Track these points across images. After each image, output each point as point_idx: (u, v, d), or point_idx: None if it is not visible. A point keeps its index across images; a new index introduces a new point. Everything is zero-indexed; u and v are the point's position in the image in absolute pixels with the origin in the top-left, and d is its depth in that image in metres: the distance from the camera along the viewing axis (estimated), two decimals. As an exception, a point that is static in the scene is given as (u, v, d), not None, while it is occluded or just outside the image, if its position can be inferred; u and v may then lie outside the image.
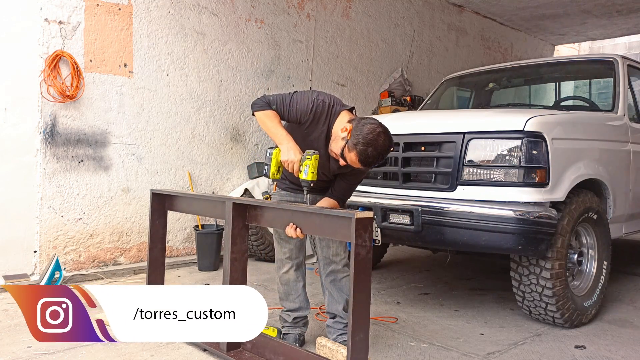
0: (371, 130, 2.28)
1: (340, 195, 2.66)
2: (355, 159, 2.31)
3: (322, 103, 2.47)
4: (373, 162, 2.33)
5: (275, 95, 2.52)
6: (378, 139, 2.28)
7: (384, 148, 2.30)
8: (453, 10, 8.10)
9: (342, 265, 2.73)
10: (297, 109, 2.46)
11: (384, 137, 2.30)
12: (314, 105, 2.46)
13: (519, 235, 2.82)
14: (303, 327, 2.88)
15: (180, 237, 4.94)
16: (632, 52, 10.91)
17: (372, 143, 2.27)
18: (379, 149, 2.28)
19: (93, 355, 2.62)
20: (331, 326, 2.81)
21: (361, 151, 2.28)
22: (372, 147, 2.27)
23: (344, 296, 2.74)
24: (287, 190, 2.77)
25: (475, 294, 3.94)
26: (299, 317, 2.85)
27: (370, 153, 2.28)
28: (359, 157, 2.30)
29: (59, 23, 4.10)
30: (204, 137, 5.06)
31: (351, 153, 2.31)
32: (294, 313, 2.84)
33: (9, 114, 3.93)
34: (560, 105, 4.34)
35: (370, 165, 2.36)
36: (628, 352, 2.81)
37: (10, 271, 3.95)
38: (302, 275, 2.86)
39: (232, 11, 5.24)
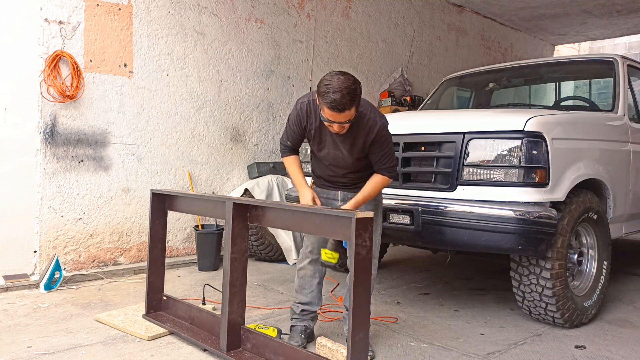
0: (323, 80, 2.35)
1: (381, 165, 2.63)
2: (329, 111, 2.35)
3: (301, 104, 2.61)
4: (344, 103, 2.32)
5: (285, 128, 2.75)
6: (332, 80, 2.32)
7: (342, 85, 2.30)
8: (453, 10, 8.10)
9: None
10: (293, 128, 2.67)
11: (337, 77, 2.33)
12: (297, 113, 2.62)
13: (519, 235, 2.82)
14: (310, 320, 2.93)
15: (180, 237, 4.94)
16: (632, 52, 10.91)
17: (329, 88, 2.30)
18: (338, 88, 2.29)
19: (93, 355, 2.62)
20: (346, 318, 2.88)
21: (326, 102, 2.32)
22: (331, 91, 2.30)
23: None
24: (321, 187, 2.87)
25: (475, 294, 3.94)
26: (307, 311, 2.90)
27: (332, 97, 2.30)
28: (329, 107, 2.33)
29: (59, 23, 4.10)
30: (204, 137, 5.06)
31: (324, 110, 2.38)
32: (303, 306, 2.89)
33: (9, 114, 3.94)
34: (560, 105, 4.34)
35: (345, 108, 2.32)
36: (628, 352, 2.81)
37: (10, 271, 3.95)
38: (319, 272, 2.90)
39: (232, 11, 5.24)
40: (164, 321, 3.02)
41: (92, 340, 2.83)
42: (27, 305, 3.47)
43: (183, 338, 2.84)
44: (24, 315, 3.26)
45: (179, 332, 2.85)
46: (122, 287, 4.01)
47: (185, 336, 2.81)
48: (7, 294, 3.73)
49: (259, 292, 3.88)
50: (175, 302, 3.12)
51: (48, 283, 3.80)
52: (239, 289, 2.60)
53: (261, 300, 3.65)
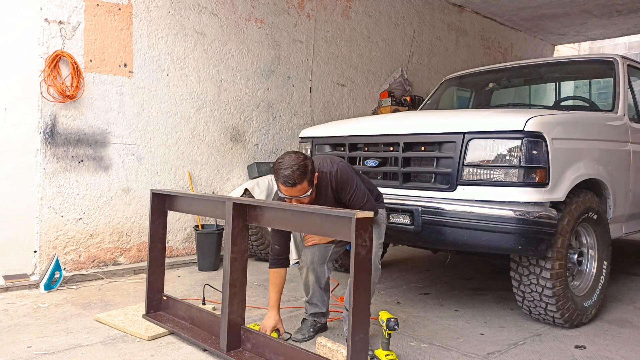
0: (278, 158, 2.56)
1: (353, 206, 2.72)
2: (283, 187, 2.52)
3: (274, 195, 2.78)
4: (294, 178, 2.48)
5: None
6: (284, 159, 2.52)
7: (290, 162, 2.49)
8: (453, 10, 8.10)
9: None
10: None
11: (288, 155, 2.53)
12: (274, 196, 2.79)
13: (519, 235, 2.82)
14: (322, 317, 3.03)
15: (180, 237, 4.94)
16: (632, 52, 10.92)
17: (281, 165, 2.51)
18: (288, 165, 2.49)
19: (93, 355, 2.62)
20: (346, 318, 2.91)
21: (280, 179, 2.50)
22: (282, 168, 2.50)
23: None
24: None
25: (475, 294, 3.94)
26: (315, 313, 3.01)
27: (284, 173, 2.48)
28: (282, 182, 2.50)
29: (59, 23, 4.10)
30: (204, 137, 5.06)
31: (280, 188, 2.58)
32: (310, 307, 3.00)
33: (9, 114, 3.94)
34: (560, 105, 4.34)
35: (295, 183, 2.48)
36: (628, 352, 2.81)
37: (10, 271, 3.95)
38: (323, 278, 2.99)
39: (232, 11, 5.24)
40: (164, 321, 3.02)
41: (92, 340, 2.84)
42: (27, 305, 3.47)
43: (183, 338, 2.84)
44: (24, 315, 3.26)
45: (179, 332, 2.86)
46: (122, 287, 4.01)
47: (185, 336, 2.81)
48: (7, 294, 3.73)
49: (259, 292, 3.88)
50: (175, 302, 3.12)
51: (48, 283, 3.80)
52: (239, 289, 2.60)
53: (261, 300, 3.65)
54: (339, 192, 2.70)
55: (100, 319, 3.14)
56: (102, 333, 2.94)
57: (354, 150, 3.64)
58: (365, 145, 3.57)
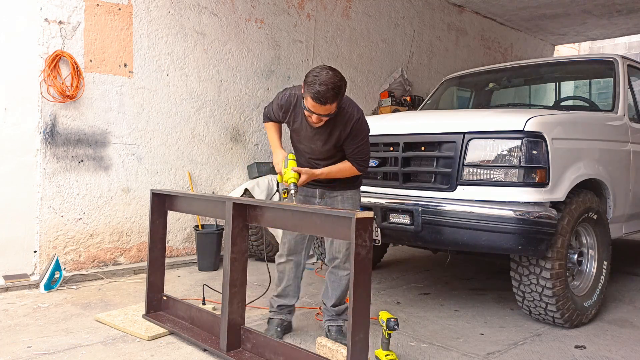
0: (312, 71, 2.45)
1: (353, 157, 2.73)
2: (312, 102, 2.44)
3: (285, 95, 2.73)
4: (328, 96, 2.41)
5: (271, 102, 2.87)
6: (320, 74, 2.41)
7: (329, 79, 2.40)
8: (453, 10, 8.10)
9: (343, 262, 2.83)
10: (274, 110, 2.81)
11: (326, 71, 2.42)
12: (280, 100, 2.75)
13: (519, 235, 2.82)
14: (288, 314, 3.00)
15: (180, 237, 4.94)
16: (632, 52, 10.91)
17: (317, 79, 2.39)
18: (324, 82, 2.39)
19: (93, 355, 2.62)
20: (323, 311, 2.98)
21: (311, 93, 2.41)
22: (317, 83, 2.39)
23: (337, 293, 2.88)
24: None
25: (475, 294, 3.94)
26: (283, 305, 2.97)
27: (318, 88, 2.39)
28: (312, 97, 2.42)
29: (59, 23, 4.10)
30: (204, 137, 5.06)
31: (307, 100, 2.46)
32: (280, 299, 2.96)
33: (9, 114, 3.94)
34: (560, 105, 4.34)
35: (327, 100, 2.41)
36: (628, 352, 2.81)
37: (10, 271, 3.95)
38: (299, 270, 2.97)
39: (232, 11, 5.24)
40: (164, 321, 3.02)
41: (92, 340, 2.84)
42: (27, 305, 3.47)
43: (183, 338, 2.84)
44: (24, 315, 3.26)
45: (179, 332, 2.86)
46: (122, 287, 4.01)
47: (185, 336, 2.81)
48: (7, 294, 3.73)
49: (259, 292, 3.88)
50: (175, 302, 3.12)
51: (48, 283, 3.80)
52: (239, 289, 2.60)
53: (261, 301, 3.65)
54: (349, 137, 2.66)
55: (100, 319, 3.14)
56: (102, 333, 2.94)
57: (354, 150, 3.63)
58: (365, 145, 3.56)
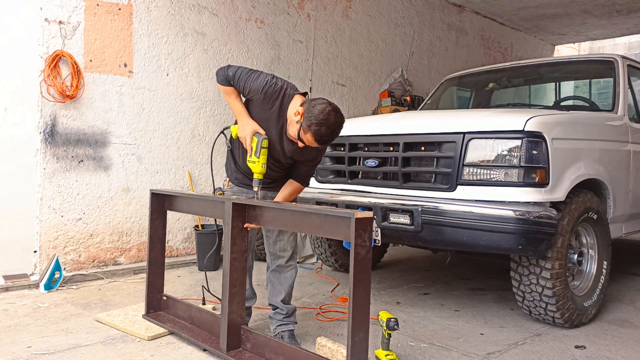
0: (322, 110, 2.39)
1: (303, 176, 2.77)
2: (312, 139, 2.42)
3: (274, 85, 2.56)
4: (329, 140, 2.44)
5: (236, 70, 2.61)
6: (329, 117, 2.38)
7: (336, 125, 2.41)
8: (453, 10, 8.10)
9: (287, 260, 2.89)
10: (251, 85, 2.57)
11: (334, 115, 2.40)
12: (266, 84, 2.55)
13: (519, 235, 2.81)
14: (247, 316, 2.99)
15: (180, 237, 4.94)
16: (632, 52, 10.91)
17: (324, 122, 2.37)
18: (331, 126, 2.39)
19: (93, 355, 2.62)
20: (272, 317, 2.94)
21: (315, 131, 2.39)
22: (324, 125, 2.38)
23: (286, 288, 2.89)
24: (239, 186, 2.88)
25: (475, 294, 3.94)
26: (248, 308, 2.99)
27: (324, 131, 2.39)
28: (314, 137, 2.41)
29: (59, 23, 4.10)
30: (204, 137, 5.06)
31: (307, 134, 2.43)
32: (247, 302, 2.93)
33: (9, 114, 3.94)
34: (560, 105, 4.34)
35: (326, 143, 2.46)
36: (628, 352, 2.81)
37: (10, 271, 3.95)
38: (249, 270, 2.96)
39: (232, 11, 5.24)
40: (164, 321, 3.02)
41: (92, 340, 2.84)
42: (27, 305, 3.47)
43: (183, 338, 2.84)
44: (24, 315, 3.26)
45: (179, 332, 2.86)
46: (122, 287, 4.01)
47: (185, 336, 2.81)
48: (7, 294, 3.73)
49: (259, 292, 3.87)
50: (175, 302, 3.12)
51: (48, 283, 3.80)
52: (238, 289, 2.60)
53: (261, 301, 3.65)
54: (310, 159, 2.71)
55: (100, 319, 3.14)
56: (102, 333, 2.94)
57: (354, 150, 3.64)
58: (365, 145, 3.57)
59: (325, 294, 3.89)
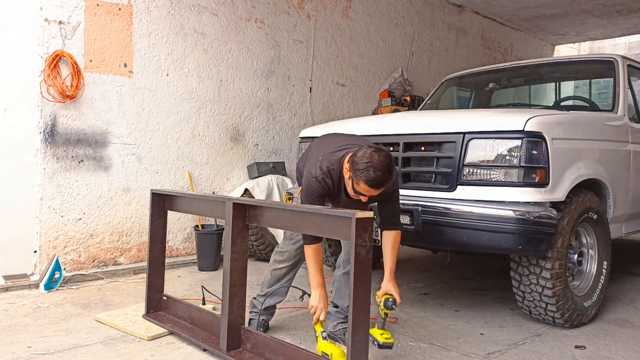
0: (362, 155, 2.34)
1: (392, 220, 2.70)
2: (366, 187, 2.34)
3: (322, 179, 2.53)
4: (383, 180, 2.32)
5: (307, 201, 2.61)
6: (372, 158, 2.31)
7: (382, 163, 2.32)
8: (453, 10, 8.10)
9: None
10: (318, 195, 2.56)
11: (377, 154, 2.33)
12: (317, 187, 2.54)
13: (519, 235, 2.81)
14: (270, 315, 3.05)
15: (180, 237, 4.94)
16: (632, 52, 10.91)
17: (370, 165, 2.30)
18: (378, 165, 2.30)
19: (93, 355, 2.62)
20: (333, 314, 2.94)
21: (365, 178, 2.31)
22: (372, 168, 2.29)
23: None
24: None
25: (475, 294, 3.94)
26: (271, 307, 3.01)
27: (373, 174, 2.30)
28: (368, 184, 2.32)
29: (59, 23, 4.10)
30: (204, 137, 5.06)
31: (360, 185, 2.36)
32: (269, 300, 2.98)
33: (9, 114, 3.94)
34: (560, 105, 4.34)
35: (382, 185, 2.35)
36: (628, 352, 2.81)
37: (10, 271, 3.95)
38: (293, 275, 3.01)
39: (232, 11, 5.24)
40: (164, 321, 3.02)
41: (92, 340, 2.84)
42: (27, 305, 3.47)
43: (183, 338, 2.84)
44: (24, 315, 3.26)
45: (179, 332, 2.86)
46: (122, 287, 4.01)
47: (185, 336, 2.81)
48: (7, 294, 3.73)
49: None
50: (175, 302, 3.12)
51: (48, 283, 3.80)
52: (239, 289, 2.61)
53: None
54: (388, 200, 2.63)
55: (100, 319, 3.14)
56: (102, 333, 2.94)
57: (354, 150, 3.63)
58: (365, 145, 3.56)
59: (325, 294, 3.88)
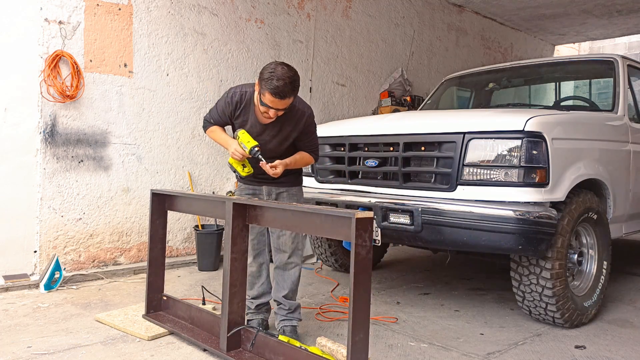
0: (268, 66, 2.49)
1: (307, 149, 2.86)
2: (270, 97, 2.48)
3: (233, 94, 2.75)
4: (286, 91, 2.47)
5: (209, 111, 2.90)
6: (276, 69, 2.45)
7: (286, 74, 2.45)
8: (453, 10, 8.10)
9: (289, 255, 2.92)
10: (222, 110, 2.81)
11: (281, 67, 2.47)
12: (228, 98, 2.76)
13: (519, 235, 2.82)
14: (266, 312, 3.05)
15: (180, 237, 4.94)
16: (632, 52, 10.91)
17: (274, 75, 2.44)
18: (282, 76, 2.44)
19: (93, 355, 2.62)
20: (277, 312, 2.98)
21: (270, 88, 2.46)
22: (274, 78, 2.44)
23: (289, 284, 2.93)
24: (246, 184, 2.97)
25: (475, 294, 3.94)
26: (261, 304, 3.02)
27: (277, 83, 2.44)
28: (271, 93, 2.47)
29: (59, 23, 4.10)
30: (204, 137, 5.06)
31: (264, 96, 2.51)
32: (256, 300, 3.00)
33: (9, 114, 3.94)
34: (560, 105, 4.34)
35: (285, 95, 2.47)
36: (628, 352, 2.81)
37: (10, 271, 3.95)
38: (265, 265, 3.02)
39: (232, 11, 5.24)
40: (164, 321, 3.02)
41: (92, 340, 2.84)
42: (27, 305, 3.47)
43: (183, 338, 2.84)
44: (24, 315, 3.26)
45: (179, 332, 2.86)
46: (122, 287, 4.01)
47: (185, 336, 2.81)
48: (7, 294, 3.73)
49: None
50: (175, 302, 3.12)
51: (48, 283, 3.80)
52: (238, 289, 2.61)
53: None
54: (303, 133, 2.77)
55: (100, 319, 3.14)
56: (102, 333, 2.94)
57: (354, 150, 3.64)
58: (365, 145, 3.57)
59: (325, 294, 3.89)
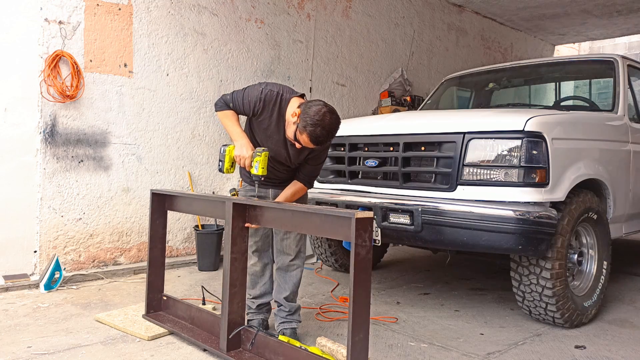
0: (317, 111, 2.43)
1: (306, 176, 2.82)
2: (307, 140, 2.47)
3: (269, 92, 2.63)
4: (324, 141, 2.48)
5: (232, 93, 2.73)
6: (324, 118, 2.42)
7: (331, 126, 2.45)
8: (453, 10, 8.10)
9: (293, 258, 2.92)
10: (249, 101, 2.65)
11: (329, 116, 2.44)
12: (262, 94, 2.62)
13: (519, 235, 2.82)
14: (266, 312, 3.06)
15: (180, 237, 4.94)
16: (632, 52, 10.91)
17: (320, 123, 2.41)
18: (326, 127, 2.43)
19: (93, 355, 2.62)
20: (277, 314, 2.98)
21: (311, 132, 2.43)
22: (320, 126, 2.42)
23: (290, 286, 2.93)
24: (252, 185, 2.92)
25: (475, 294, 3.94)
26: (262, 304, 3.02)
27: (319, 132, 2.43)
28: (310, 138, 2.46)
29: (59, 23, 4.10)
30: (204, 137, 5.06)
31: (302, 135, 2.48)
32: (258, 300, 3.00)
33: (9, 114, 3.94)
34: (560, 105, 4.34)
35: (322, 144, 2.50)
36: (628, 352, 2.81)
37: (10, 271, 3.95)
38: (269, 265, 3.03)
39: (232, 11, 5.24)
40: (164, 321, 3.02)
41: (92, 340, 2.84)
42: (27, 305, 3.47)
43: (183, 338, 2.84)
44: (24, 315, 3.26)
45: (179, 332, 2.86)
46: (122, 287, 4.01)
47: (185, 336, 2.81)
48: (7, 294, 3.73)
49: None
50: (175, 302, 3.12)
51: (48, 283, 3.80)
52: (239, 289, 2.61)
53: (261, 300, 3.65)
54: (313, 157, 2.75)
55: (100, 319, 3.14)
56: (102, 333, 2.94)
57: (354, 150, 3.64)
58: (365, 145, 3.57)
59: (325, 294, 3.89)
